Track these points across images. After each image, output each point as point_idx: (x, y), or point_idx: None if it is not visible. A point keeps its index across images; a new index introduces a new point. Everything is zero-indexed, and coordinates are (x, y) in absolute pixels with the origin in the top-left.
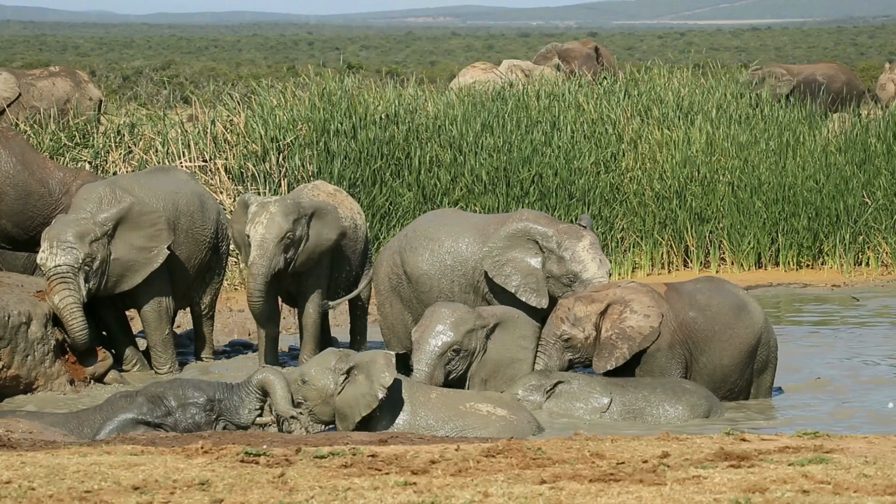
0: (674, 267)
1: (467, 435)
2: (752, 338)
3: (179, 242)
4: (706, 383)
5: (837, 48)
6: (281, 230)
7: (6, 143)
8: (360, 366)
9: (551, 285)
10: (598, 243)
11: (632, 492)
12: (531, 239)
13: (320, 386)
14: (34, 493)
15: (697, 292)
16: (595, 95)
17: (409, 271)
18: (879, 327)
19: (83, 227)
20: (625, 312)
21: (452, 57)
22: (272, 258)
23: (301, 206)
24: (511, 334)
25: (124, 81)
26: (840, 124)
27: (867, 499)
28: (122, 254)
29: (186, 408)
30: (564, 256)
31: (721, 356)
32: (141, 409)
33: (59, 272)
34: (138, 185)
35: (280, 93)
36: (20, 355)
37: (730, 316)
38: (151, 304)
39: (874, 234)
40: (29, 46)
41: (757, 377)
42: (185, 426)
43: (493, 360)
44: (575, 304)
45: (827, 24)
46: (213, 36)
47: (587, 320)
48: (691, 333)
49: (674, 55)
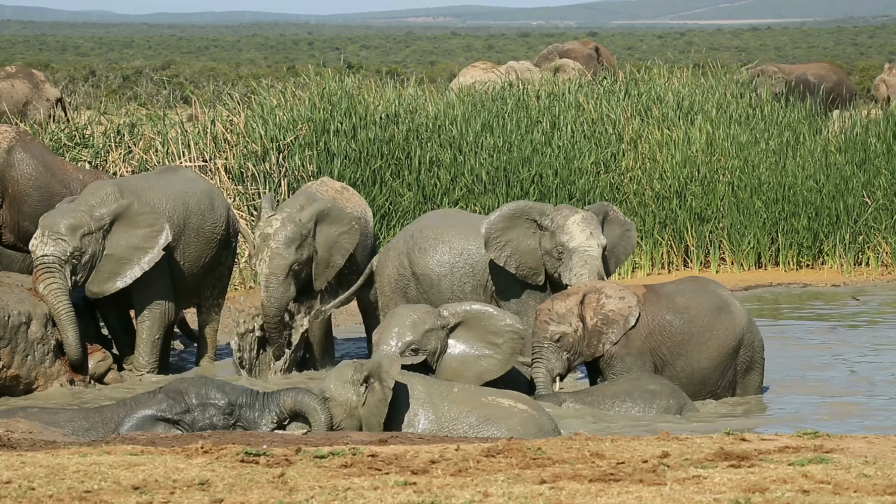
0: (674, 267)
1: (492, 426)
2: (733, 339)
3: (190, 242)
4: (685, 385)
5: (837, 48)
6: (284, 264)
7: (26, 146)
8: (372, 372)
9: (547, 262)
10: (593, 220)
11: (632, 492)
12: (529, 218)
13: (343, 400)
14: (34, 493)
15: (678, 294)
16: (595, 95)
17: (419, 272)
18: (879, 327)
19: (77, 220)
20: (602, 299)
21: (452, 57)
22: (281, 295)
23: (301, 226)
24: (476, 332)
25: (124, 81)
26: (840, 123)
27: (867, 499)
28: (116, 250)
29: (206, 408)
30: (555, 231)
31: (699, 358)
32: (160, 405)
33: (45, 262)
34: (147, 186)
35: (280, 93)
36: (20, 355)
37: (709, 318)
38: (151, 305)
39: (874, 234)
40: (29, 46)
41: (742, 378)
42: (201, 426)
43: (457, 359)
44: (553, 303)
45: (827, 24)
46: (213, 36)
47: (570, 314)
48: (664, 339)
49: (674, 55)
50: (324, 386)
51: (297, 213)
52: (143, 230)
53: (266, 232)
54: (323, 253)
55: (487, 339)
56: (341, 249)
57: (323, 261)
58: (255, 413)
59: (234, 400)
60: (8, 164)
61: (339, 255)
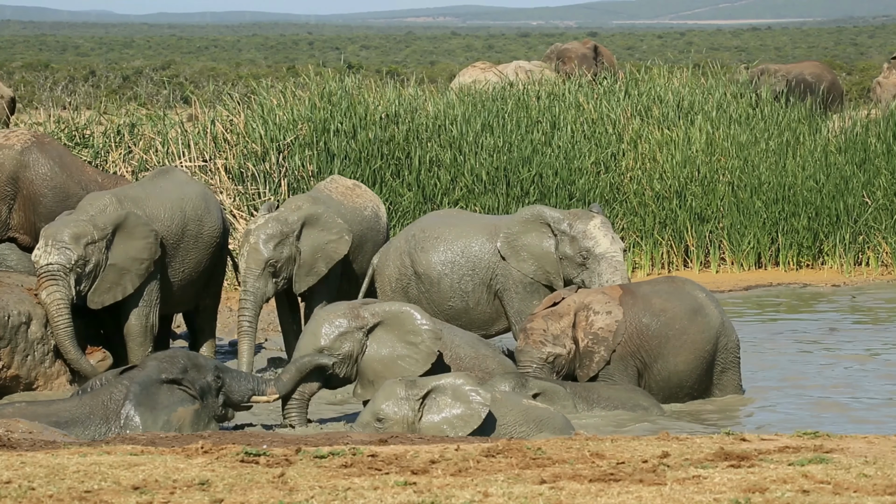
0: (674, 267)
1: (543, 430)
2: (708, 342)
3: (189, 248)
4: (662, 388)
5: (837, 48)
6: (260, 260)
7: (43, 147)
8: (440, 389)
9: (565, 266)
10: (608, 224)
11: (632, 492)
12: (544, 222)
13: (400, 419)
14: (34, 493)
15: (654, 295)
16: (595, 95)
17: (422, 271)
18: (879, 327)
19: (81, 229)
20: (590, 317)
21: (452, 57)
22: (256, 290)
23: (285, 224)
24: (394, 331)
25: (124, 81)
26: (840, 123)
27: (867, 499)
28: (119, 261)
29: (199, 368)
30: (576, 236)
31: (675, 362)
32: (160, 366)
33: (50, 270)
34: (144, 195)
35: (280, 93)
36: (20, 355)
37: (684, 321)
38: (139, 318)
39: (874, 234)
40: (29, 46)
41: (718, 378)
42: (200, 385)
43: (376, 360)
44: (547, 323)
45: (827, 24)
46: (213, 36)
47: (564, 336)
48: (643, 342)
49: (674, 55)
50: (374, 409)
51: (288, 213)
52: (139, 241)
53: (249, 228)
54: (307, 257)
55: (406, 339)
56: (326, 258)
57: (306, 265)
58: (235, 381)
59: (217, 365)
60: (22, 165)
61: (324, 262)
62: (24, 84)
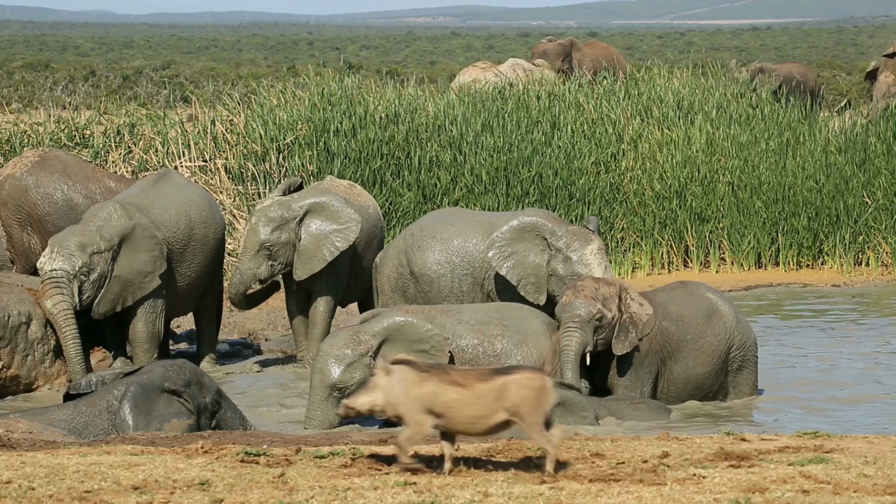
0: (674, 267)
1: None
2: (724, 343)
3: (196, 252)
4: (680, 391)
5: (837, 48)
6: (255, 241)
7: (45, 166)
8: None
9: (552, 284)
10: (604, 249)
11: (632, 492)
12: (540, 235)
13: None
14: (34, 493)
15: (669, 302)
16: (595, 95)
17: (417, 270)
18: (879, 327)
19: (87, 238)
20: (628, 299)
21: (452, 57)
22: (246, 270)
23: (288, 209)
24: (400, 345)
25: (124, 81)
26: (840, 123)
27: (867, 499)
28: (124, 273)
29: (202, 387)
30: (572, 257)
31: (694, 364)
32: (164, 374)
33: (54, 277)
34: (148, 203)
35: (280, 93)
36: (20, 355)
37: (701, 324)
38: (146, 324)
39: (874, 234)
40: (29, 46)
41: (734, 377)
42: (197, 402)
43: None
44: (598, 284)
45: (827, 24)
46: (213, 36)
47: (612, 301)
48: (665, 343)
49: (674, 55)
50: None
51: (294, 199)
52: (146, 254)
53: (257, 206)
54: (309, 244)
55: (415, 349)
56: (330, 246)
57: (307, 251)
58: (231, 412)
59: (219, 390)
60: (26, 189)
61: (327, 250)
62: (24, 84)
